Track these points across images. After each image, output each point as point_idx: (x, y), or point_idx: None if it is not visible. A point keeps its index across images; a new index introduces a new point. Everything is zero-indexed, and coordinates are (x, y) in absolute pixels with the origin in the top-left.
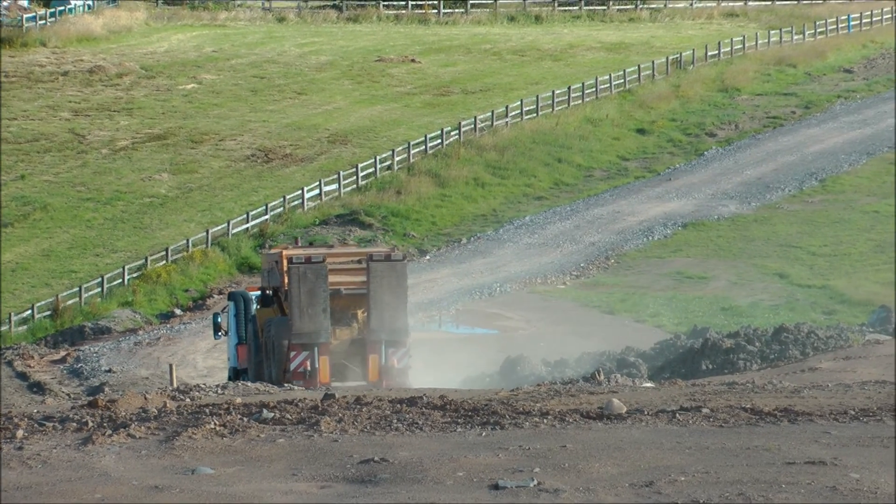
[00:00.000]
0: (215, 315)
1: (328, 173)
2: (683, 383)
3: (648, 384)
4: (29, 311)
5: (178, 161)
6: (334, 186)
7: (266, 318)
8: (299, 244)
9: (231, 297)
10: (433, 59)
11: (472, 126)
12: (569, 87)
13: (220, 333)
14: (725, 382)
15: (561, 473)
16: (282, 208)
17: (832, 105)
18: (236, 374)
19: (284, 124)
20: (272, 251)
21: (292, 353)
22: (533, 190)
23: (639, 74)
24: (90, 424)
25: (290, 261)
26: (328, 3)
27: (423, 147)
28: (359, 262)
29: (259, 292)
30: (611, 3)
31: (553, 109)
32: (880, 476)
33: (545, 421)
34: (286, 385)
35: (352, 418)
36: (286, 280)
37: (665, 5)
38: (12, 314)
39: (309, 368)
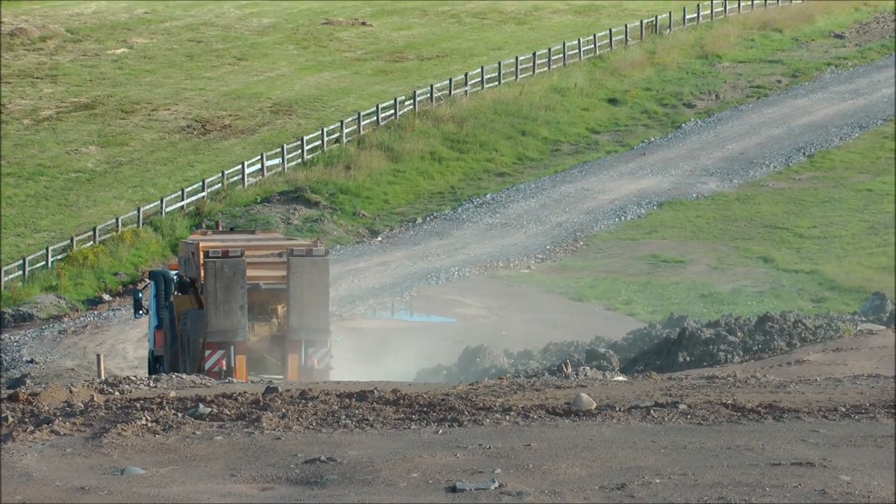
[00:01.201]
0: (136, 291)
1: (271, 146)
2: (659, 377)
3: (620, 378)
4: None
5: (106, 133)
6: (277, 161)
7: (183, 309)
8: (221, 228)
9: (152, 275)
10: (386, 22)
11: (429, 95)
12: (534, 53)
13: (140, 312)
14: (704, 376)
15: (524, 474)
16: (220, 184)
17: (821, 73)
18: (155, 360)
19: (223, 93)
20: (190, 239)
21: (207, 352)
22: (494, 165)
23: (610, 39)
24: (10, 420)
25: (206, 254)
26: None
27: (375, 118)
28: (279, 255)
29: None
30: None
31: (516, 77)
32: (873, 478)
33: (507, 417)
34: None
35: (296, 414)
36: (202, 273)
37: None
38: None
39: (224, 368)
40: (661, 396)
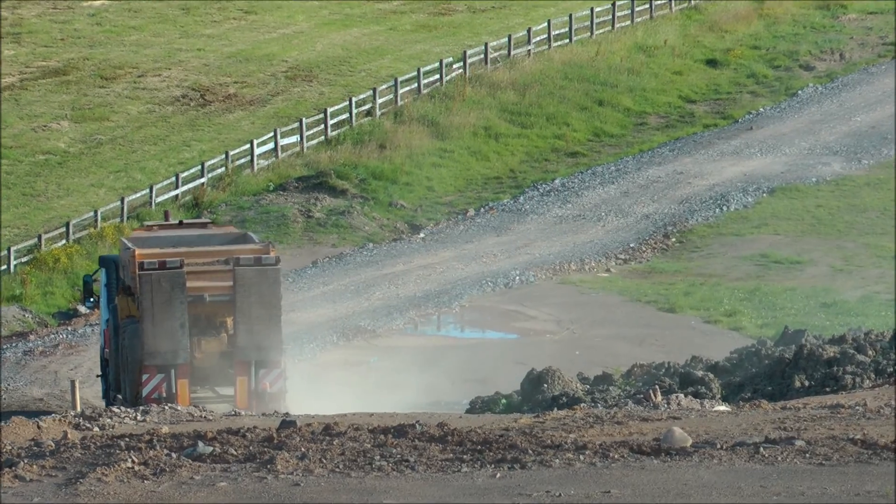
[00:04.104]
0: (87, 275)
1: (286, 121)
2: (770, 406)
3: (722, 407)
4: None
5: (82, 104)
6: (295, 138)
7: (125, 316)
8: (169, 219)
9: (102, 261)
10: None
11: (482, 56)
12: (613, 3)
13: (91, 300)
14: (827, 405)
15: None
16: (223, 168)
17: None
18: (106, 362)
19: (227, 54)
20: (128, 240)
21: (145, 376)
22: (565, 143)
23: None
24: None
25: (140, 266)
26: None
27: (416, 85)
28: (226, 262)
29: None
30: None
31: (592, 33)
32: None
33: (582, 457)
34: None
35: (319, 454)
36: (137, 286)
37: None
38: None
39: (164, 394)
40: (773, 430)
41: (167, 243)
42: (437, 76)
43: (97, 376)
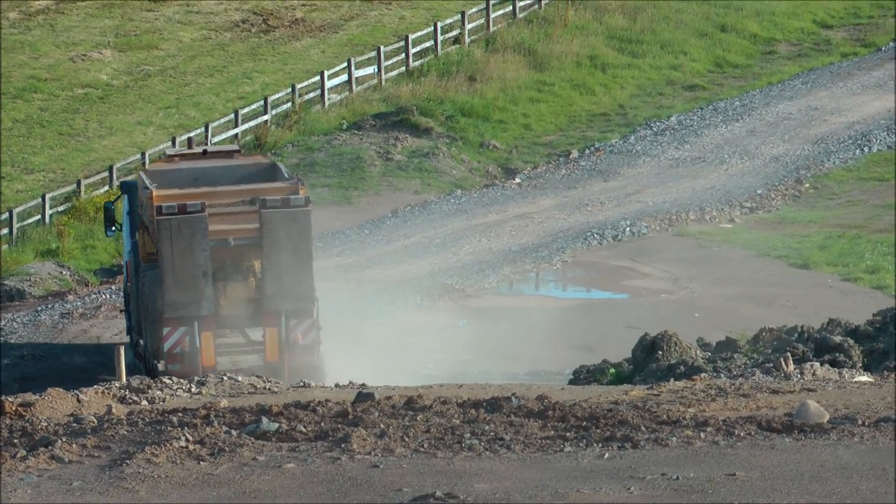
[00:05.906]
0: (108, 203)
1: (362, 49)
2: None
3: (863, 378)
4: None
5: (127, 30)
6: (371, 70)
7: (148, 252)
8: (193, 147)
9: (124, 187)
10: None
11: None
12: None
13: (113, 228)
14: None
15: None
16: (290, 103)
17: None
18: (127, 299)
19: None
20: (146, 175)
21: (166, 329)
22: (682, 75)
23: None
24: None
25: (158, 210)
26: None
27: (511, 7)
28: (251, 202)
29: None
30: None
31: None
32: None
33: (703, 435)
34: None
35: (400, 431)
36: (156, 231)
37: None
38: None
39: (187, 349)
40: None
41: (188, 178)
42: None
43: (120, 311)
